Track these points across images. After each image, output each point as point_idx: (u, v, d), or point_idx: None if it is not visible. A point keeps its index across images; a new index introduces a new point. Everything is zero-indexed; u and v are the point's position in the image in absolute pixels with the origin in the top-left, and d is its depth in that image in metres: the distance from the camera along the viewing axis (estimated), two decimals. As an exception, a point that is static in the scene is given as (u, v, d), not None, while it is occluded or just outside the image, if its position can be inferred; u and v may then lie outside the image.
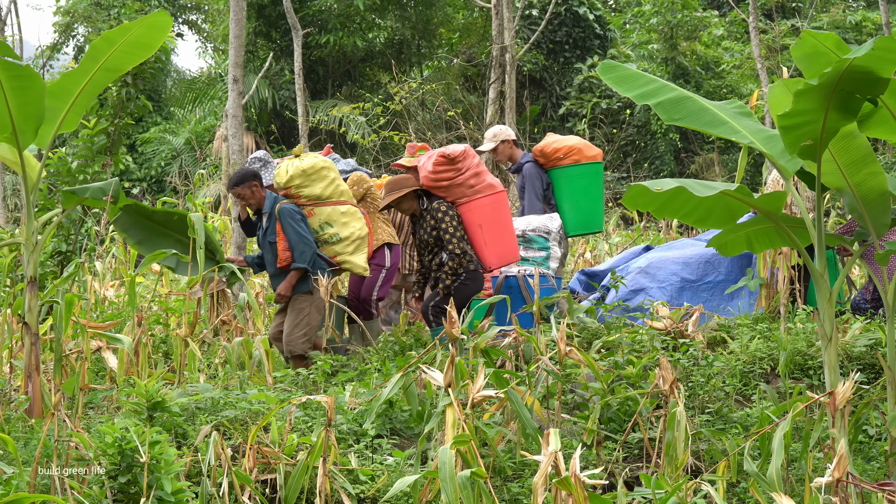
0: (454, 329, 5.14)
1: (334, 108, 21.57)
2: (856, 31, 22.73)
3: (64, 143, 19.82)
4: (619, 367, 6.19)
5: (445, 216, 7.38)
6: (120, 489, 4.47)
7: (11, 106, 5.98)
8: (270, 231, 7.42)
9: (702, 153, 22.15)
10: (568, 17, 23.05)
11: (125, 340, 5.96)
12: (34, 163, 6.77)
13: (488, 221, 7.54)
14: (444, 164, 7.46)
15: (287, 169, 7.61)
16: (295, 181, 7.53)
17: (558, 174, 8.92)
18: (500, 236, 7.58)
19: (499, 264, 7.56)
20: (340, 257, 7.64)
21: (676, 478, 4.70)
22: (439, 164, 7.47)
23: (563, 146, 8.92)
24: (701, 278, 8.61)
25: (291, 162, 7.66)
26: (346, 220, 7.69)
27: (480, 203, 7.55)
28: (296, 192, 7.57)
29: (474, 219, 7.51)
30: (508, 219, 7.74)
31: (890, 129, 5.14)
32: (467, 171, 7.52)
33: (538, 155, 8.91)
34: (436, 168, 7.47)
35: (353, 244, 7.67)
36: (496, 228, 7.57)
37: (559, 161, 8.91)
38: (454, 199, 7.54)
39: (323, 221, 7.64)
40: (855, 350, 6.67)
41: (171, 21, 6.53)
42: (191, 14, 30.12)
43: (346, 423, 5.44)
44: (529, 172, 8.79)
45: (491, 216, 7.57)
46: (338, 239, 7.63)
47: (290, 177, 7.55)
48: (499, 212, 7.64)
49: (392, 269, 8.17)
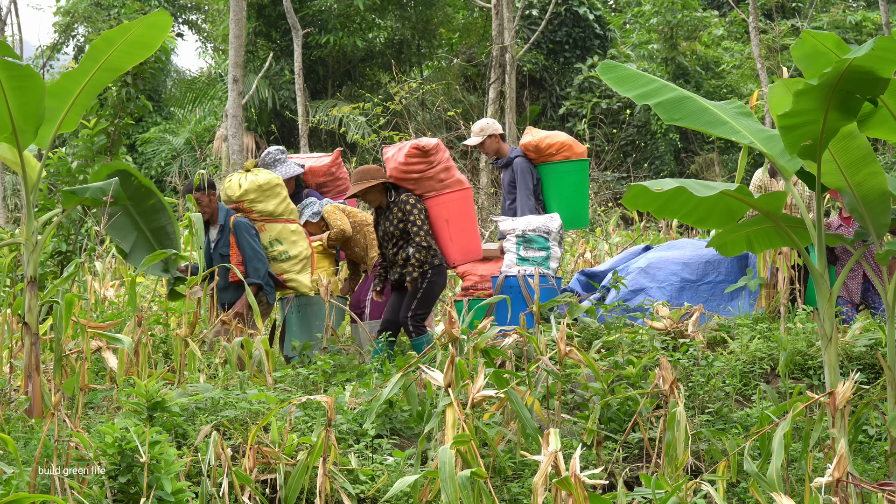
0: (454, 329, 5.14)
1: (334, 108, 21.58)
2: (856, 31, 22.74)
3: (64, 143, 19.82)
4: (619, 367, 6.19)
5: (414, 209, 7.35)
6: (120, 489, 4.47)
7: (11, 106, 5.98)
8: (223, 244, 7.40)
9: (702, 153, 22.15)
10: (568, 17, 23.06)
11: (125, 340, 5.96)
12: (34, 163, 6.77)
13: (455, 217, 7.53)
14: (416, 156, 7.44)
15: (240, 183, 7.62)
16: (249, 195, 7.58)
17: (548, 170, 8.91)
18: (466, 232, 7.58)
19: (463, 260, 7.57)
20: (287, 275, 7.71)
21: (676, 478, 4.70)
22: (412, 155, 7.44)
23: (555, 142, 8.90)
24: (701, 278, 8.61)
25: (244, 176, 7.67)
26: (294, 239, 7.79)
27: (449, 198, 7.54)
28: (248, 207, 7.59)
29: (441, 213, 7.50)
30: (474, 216, 7.77)
31: (890, 129, 5.14)
32: (438, 165, 7.50)
33: (530, 150, 8.87)
34: (408, 160, 7.44)
35: (300, 263, 7.75)
36: (462, 224, 7.57)
37: (551, 157, 8.89)
38: (422, 193, 7.51)
39: (273, 238, 7.68)
40: (855, 350, 6.67)
41: (170, 21, 6.52)
42: (191, 14, 30.12)
43: (346, 423, 5.44)
44: (521, 168, 8.76)
45: (458, 212, 7.57)
46: (287, 257, 7.69)
47: (244, 191, 7.57)
48: (465, 208, 7.65)
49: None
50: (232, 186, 7.66)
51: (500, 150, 8.91)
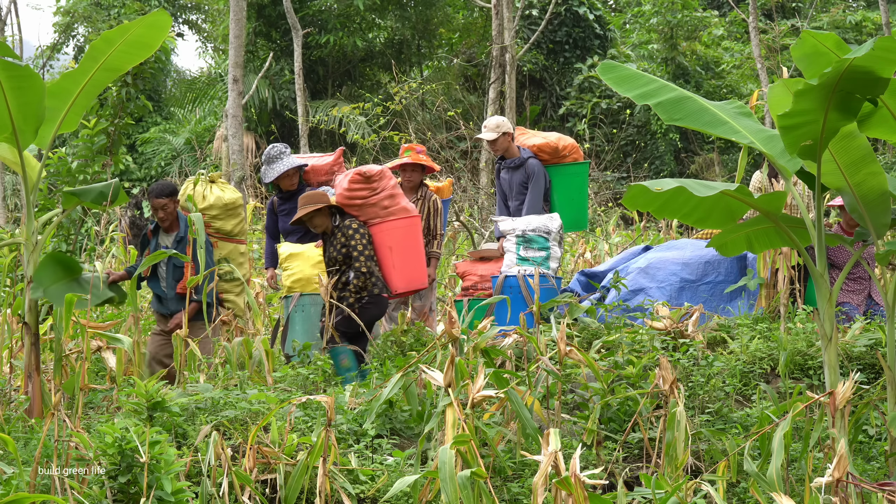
0: (454, 329, 5.14)
1: (334, 108, 21.58)
2: (856, 31, 22.74)
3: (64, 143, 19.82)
4: (619, 367, 6.18)
5: (356, 234, 7.26)
6: (120, 489, 4.47)
7: (11, 106, 5.97)
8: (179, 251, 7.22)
9: (702, 153, 22.16)
10: (568, 17, 23.06)
11: (125, 340, 5.96)
12: (34, 163, 6.77)
13: (399, 245, 7.45)
14: (359, 182, 7.41)
15: (205, 195, 7.56)
16: (213, 211, 7.55)
17: (557, 171, 8.93)
18: (410, 260, 7.50)
19: (405, 289, 7.47)
20: (226, 294, 7.72)
21: (676, 478, 4.70)
22: (355, 181, 7.42)
23: (568, 143, 8.96)
24: (700, 278, 8.61)
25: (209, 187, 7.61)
26: (241, 261, 7.84)
27: (392, 225, 7.48)
28: (208, 222, 7.55)
29: (385, 240, 7.43)
30: (419, 244, 7.66)
31: (890, 129, 5.14)
32: (382, 192, 7.47)
33: (546, 152, 8.88)
34: (350, 186, 7.42)
35: (240, 286, 7.77)
36: (406, 252, 7.48)
37: (563, 159, 8.93)
38: (366, 219, 7.46)
39: (222, 256, 7.66)
40: (855, 350, 6.66)
41: (170, 21, 6.52)
42: (191, 14, 30.12)
43: (346, 423, 5.44)
44: (538, 170, 8.78)
45: (402, 240, 7.49)
46: (231, 277, 7.68)
47: (209, 205, 7.52)
48: (410, 236, 7.57)
49: None
50: (196, 197, 7.54)
51: (509, 150, 8.91)
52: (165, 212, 7.32)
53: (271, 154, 8.24)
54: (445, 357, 5.60)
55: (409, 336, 7.73)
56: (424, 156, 8.71)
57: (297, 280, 7.94)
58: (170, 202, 7.30)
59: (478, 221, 14.92)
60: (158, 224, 7.46)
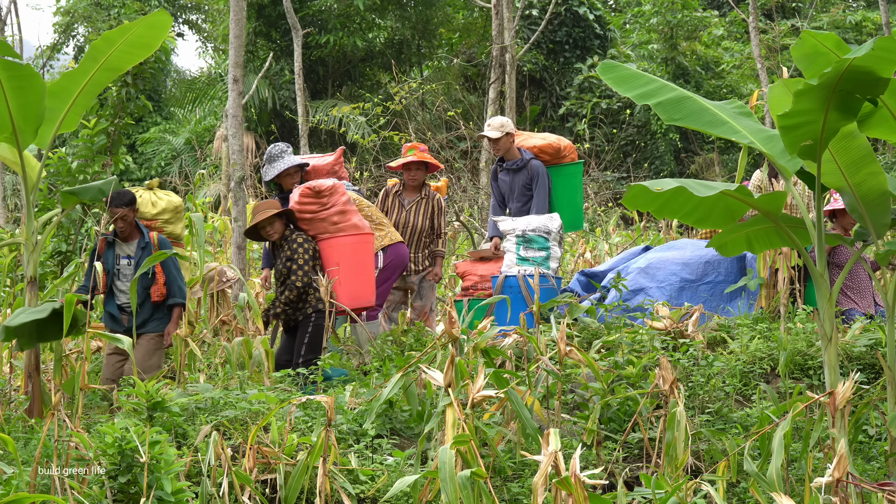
0: (454, 329, 5.14)
1: (334, 108, 21.58)
2: (856, 31, 22.74)
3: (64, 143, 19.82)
4: (619, 367, 6.18)
5: (300, 248, 7.22)
6: (120, 489, 4.47)
7: (11, 106, 5.98)
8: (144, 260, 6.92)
9: (702, 153, 22.16)
10: (568, 17, 23.06)
11: (125, 340, 5.96)
12: (34, 163, 6.77)
13: (346, 261, 7.41)
14: (309, 196, 7.40)
15: (154, 201, 7.50)
16: (165, 215, 7.50)
17: (557, 172, 8.95)
18: (357, 278, 7.47)
19: (351, 306, 7.40)
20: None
21: (676, 478, 4.70)
22: (305, 195, 7.41)
23: (568, 144, 8.98)
24: (700, 278, 8.61)
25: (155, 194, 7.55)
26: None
27: (341, 242, 7.46)
28: (161, 227, 7.51)
29: (333, 256, 7.40)
30: (369, 262, 7.64)
31: (890, 129, 5.14)
32: (332, 208, 7.46)
33: (548, 152, 8.89)
34: (301, 199, 7.41)
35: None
36: (353, 269, 7.45)
37: (563, 159, 8.95)
38: (315, 234, 7.45)
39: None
40: (855, 350, 6.66)
41: (170, 21, 6.53)
42: (191, 14, 30.13)
43: (346, 423, 5.45)
44: (542, 171, 8.80)
45: (350, 256, 7.46)
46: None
47: (162, 209, 7.48)
48: (359, 253, 7.55)
49: (385, 271, 8.11)
50: (145, 204, 7.42)
51: (510, 151, 8.92)
52: (125, 221, 7.03)
53: (272, 153, 8.23)
54: (445, 357, 5.60)
55: (409, 336, 7.73)
56: (428, 154, 8.73)
57: None
58: (129, 211, 7.02)
59: (478, 221, 14.91)
60: (117, 233, 7.13)
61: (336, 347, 7.60)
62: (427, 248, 8.70)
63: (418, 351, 6.85)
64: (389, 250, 8.14)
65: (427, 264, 8.70)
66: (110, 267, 7.07)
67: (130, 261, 7.05)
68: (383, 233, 8.17)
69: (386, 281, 8.15)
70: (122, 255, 7.10)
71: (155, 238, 7.07)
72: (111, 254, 7.09)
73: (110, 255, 7.09)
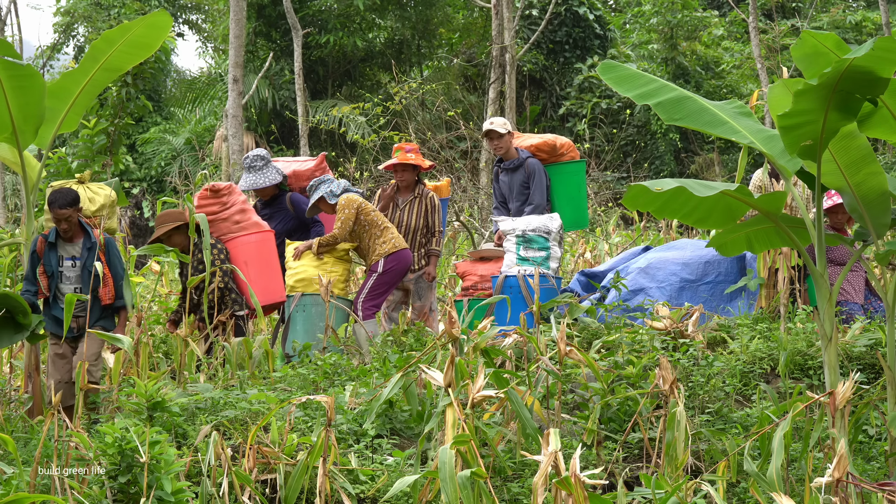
0: (454, 329, 5.14)
1: (334, 108, 21.58)
2: (856, 31, 22.74)
3: (64, 143, 19.82)
4: (619, 367, 6.18)
5: (214, 248, 7.30)
6: (120, 489, 4.47)
7: (11, 106, 5.99)
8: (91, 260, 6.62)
9: (702, 153, 22.16)
10: (568, 17, 23.06)
11: (125, 340, 5.97)
12: (34, 163, 6.78)
13: (253, 259, 7.52)
14: (208, 197, 7.47)
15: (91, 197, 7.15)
16: (105, 210, 7.28)
17: (556, 170, 8.93)
18: (265, 275, 7.56)
19: (264, 303, 7.51)
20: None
21: (676, 478, 4.70)
22: (203, 197, 7.49)
23: (566, 142, 8.97)
24: (700, 279, 8.61)
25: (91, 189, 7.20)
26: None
27: (245, 240, 7.56)
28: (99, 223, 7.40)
29: (240, 255, 7.51)
30: (274, 258, 7.73)
31: (890, 129, 5.14)
32: (232, 207, 7.51)
33: (545, 150, 8.88)
34: (200, 202, 7.46)
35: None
36: (261, 267, 7.55)
37: (560, 157, 8.93)
38: (220, 235, 7.51)
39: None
40: (855, 350, 6.66)
41: (170, 20, 6.53)
42: (191, 14, 30.13)
43: (346, 423, 5.44)
44: (539, 169, 8.78)
45: (256, 254, 7.57)
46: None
47: (101, 205, 7.22)
48: (264, 250, 7.65)
49: (384, 275, 8.10)
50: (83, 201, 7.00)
51: (509, 151, 8.92)
52: (69, 222, 6.58)
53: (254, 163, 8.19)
54: (445, 357, 5.60)
55: (409, 336, 7.73)
56: (416, 154, 8.68)
57: (300, 280, 7.93)
58: (73, 212, 6.60)
59: (478, 221, 14.92)
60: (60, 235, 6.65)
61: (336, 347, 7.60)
62: (422, 248, 8.69)
63: (418, 351, 6.85)
64: (391, 257, 8.10)
65: (423, 263, 8.70)
66: (53, 269, 6.62)
67: (76, 262, 6.65)
68: (387, 238, 8.15)
69: (383, 286, 8.13)
70: (65, 256, 6.67)
71: (101, 238, 6.67)
72: (53, 255, 6.64)
73: (52, 257, 6.64)
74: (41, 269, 6.60)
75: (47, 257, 6.62)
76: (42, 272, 6.60)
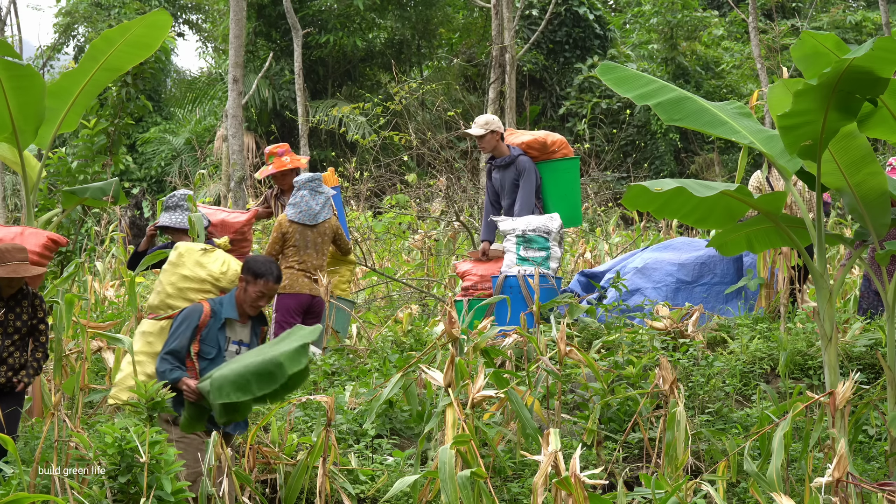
0: (454, 329, 5.14)
1: (334, 108, 21.57)
2: (856, 31, 22.74)
3: (64, 143, 19.82)
4: (619, 367, 6.19)
5: (42, 303, 5.72)
6: (120, 489, 4.47)
7: (11, 106, 5.99)
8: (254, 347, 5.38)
9: (702, 153, 22.16)
10: (568, 17, 23.06)
11: (125, 340, 5.96)
12: (34, 163, 6.78)
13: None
14: (53, 249, 6.35)
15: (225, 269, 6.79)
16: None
17: (548, 168, 8.88)
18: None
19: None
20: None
21: (676, 478, 4.70)
22: (49, 248, 6.37)
23: (557, 139, 8.91)
24: (696, 280, 8.60)
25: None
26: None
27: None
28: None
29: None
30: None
31: (890, 129, 5.14)
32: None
33: (535, 148, 8.84)
34: (44, 251, 6.30)
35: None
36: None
37: (552, 154, 8.89)
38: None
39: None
40: (855, 350, 6.66)
41: (170, 20, 6.53)
42: (191, 14, 30.14)
43: (346, 423, 5.45)
44: (528, 167, 8.70)
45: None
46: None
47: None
48: None
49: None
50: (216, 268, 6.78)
51: (497, 149, 8.86)
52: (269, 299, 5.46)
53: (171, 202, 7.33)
54: (445, 357, 5.60)
55: (409, 336, 7.74)
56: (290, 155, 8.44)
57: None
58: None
59: (477, 221, 14.91)
60: (245, 312, 5.19)
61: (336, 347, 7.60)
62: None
63: (418, 351, 6.85)
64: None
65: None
66: (214, 353, 5.13)
67: (240, 348, 5.26)
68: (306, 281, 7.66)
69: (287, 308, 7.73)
70: (233, 339, 5.24)
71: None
72: (221, 335, 5.16)
73: (220, 337, 5.15)
74: (196, 347, 5.06)
75: (212, 336, 5.08)
76: (197, 353, 5.05)
